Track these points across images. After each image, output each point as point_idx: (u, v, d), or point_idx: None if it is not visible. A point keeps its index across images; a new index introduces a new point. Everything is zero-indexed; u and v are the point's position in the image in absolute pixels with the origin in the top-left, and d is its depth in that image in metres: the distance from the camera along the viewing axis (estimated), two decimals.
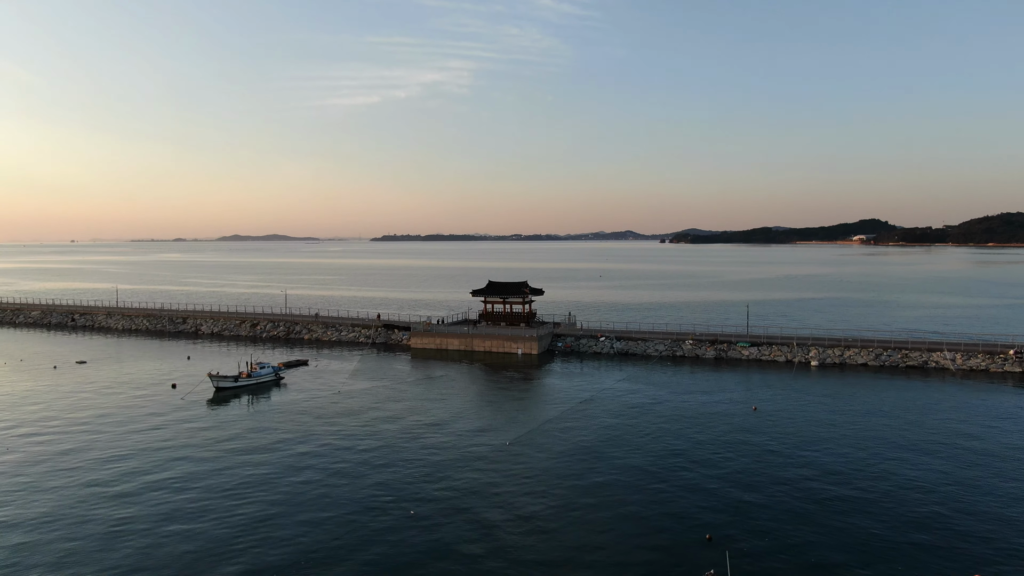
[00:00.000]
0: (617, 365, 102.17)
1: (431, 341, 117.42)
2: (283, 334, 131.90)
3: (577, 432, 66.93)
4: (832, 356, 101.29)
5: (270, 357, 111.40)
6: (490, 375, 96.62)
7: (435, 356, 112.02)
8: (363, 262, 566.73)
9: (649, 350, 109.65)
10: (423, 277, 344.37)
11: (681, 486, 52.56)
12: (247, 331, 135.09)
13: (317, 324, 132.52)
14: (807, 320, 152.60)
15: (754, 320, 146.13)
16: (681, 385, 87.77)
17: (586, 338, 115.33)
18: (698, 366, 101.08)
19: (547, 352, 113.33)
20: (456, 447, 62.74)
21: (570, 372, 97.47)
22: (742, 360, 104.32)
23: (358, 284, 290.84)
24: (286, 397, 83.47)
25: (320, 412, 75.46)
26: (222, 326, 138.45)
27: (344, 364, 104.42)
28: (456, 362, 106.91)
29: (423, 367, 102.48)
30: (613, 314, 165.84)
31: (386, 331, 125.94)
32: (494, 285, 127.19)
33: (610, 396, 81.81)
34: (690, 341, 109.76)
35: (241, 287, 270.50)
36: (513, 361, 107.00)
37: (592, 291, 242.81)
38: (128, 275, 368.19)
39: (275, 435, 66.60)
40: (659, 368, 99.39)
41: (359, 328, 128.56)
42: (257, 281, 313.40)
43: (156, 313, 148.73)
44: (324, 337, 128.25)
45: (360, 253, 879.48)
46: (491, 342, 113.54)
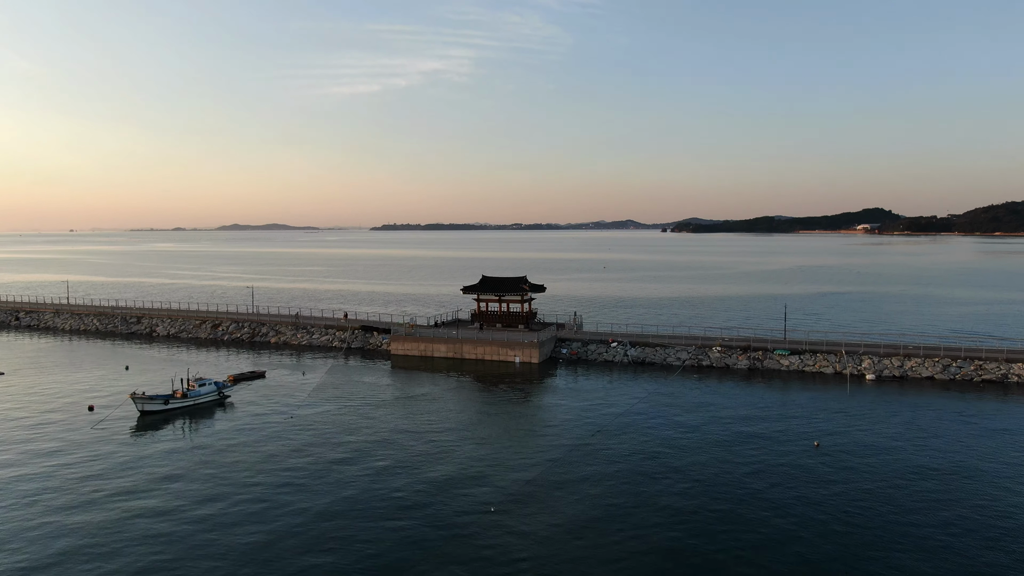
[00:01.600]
0: (632, 377, 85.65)
1: (414, 347, 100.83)
2: (247, 336, 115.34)
3: (587, 486, 50.40)
4: (890, 367, 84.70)
5: (231, 363, 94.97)
6: (481, 392, 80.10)
7: (418, 364, 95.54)
8: (358, 252, 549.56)
9: (670, 358, 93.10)
10: (417, 268, 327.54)
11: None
12: (207, 333, 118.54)
13: (286, 325, 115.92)
14: (838, 319, 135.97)
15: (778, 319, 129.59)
16: (715, 407, 71.18)
17: (595, 343, 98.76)
18: (729, 378, 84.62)
19: (549, 360, 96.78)
20: (428, 508, 46.26)
21: (577, 388, 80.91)
22: (780, 371, 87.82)
23: (346, 276, 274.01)
24: (226, 424, 66.98)
25: (262, 448, 58.97)
26: (180, 327, 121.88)
27: (309, 376, 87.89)
28: (443, 373, 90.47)
29: (402, 380, 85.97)
30: (622, 312, 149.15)
31: (363, 334, 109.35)
32: (488, 281, 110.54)
33: (627, 424, 65.27)
34: (718, 348, 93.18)
35: (221, 279, 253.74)
36: (509, 371, 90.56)
37: (597, 284, 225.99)
38: (107, 266, 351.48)
39: (191, 487, 50.09)
40: (683, 382, 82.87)
41: (333, 330, 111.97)
42: (241, 272, 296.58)
43: (108, 312, 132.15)
44: (293, 340, 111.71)
45: (357, 243, 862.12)
46: (484, 348, 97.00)
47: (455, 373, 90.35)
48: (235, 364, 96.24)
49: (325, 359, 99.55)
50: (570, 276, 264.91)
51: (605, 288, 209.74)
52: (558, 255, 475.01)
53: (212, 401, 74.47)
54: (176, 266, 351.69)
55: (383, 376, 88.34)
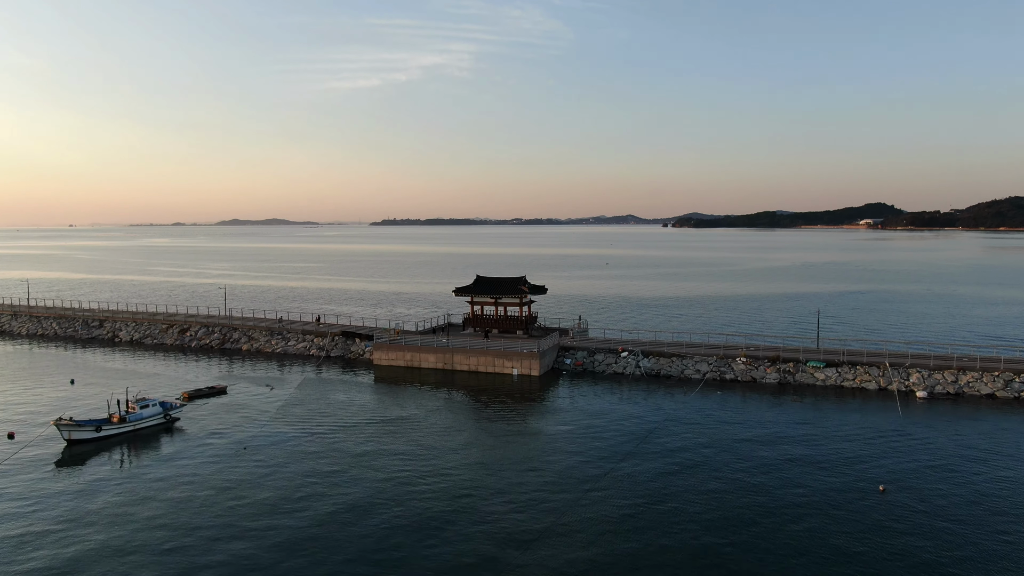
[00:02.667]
0: (646, 393, 74.72)
1: (399, 356, 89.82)
2: (217, 343, 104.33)
3: (598, 532, 39.43)
4: (943, 383, 73.75)
5: (195, 374, 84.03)
6: (474, 412, 69.13)
7: (404, 377, 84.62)
8: (355, 247, 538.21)
9: (688, 371, 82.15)
10: (413, 265, 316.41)
11: None
12: (173, 338, 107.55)
13: (259, 331, 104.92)
14: (864, 323, 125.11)
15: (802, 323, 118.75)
16: (748, 433, 60.23)
17: (603, 353, 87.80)
18: (756, 394, 73.74)
19: (551, 372, 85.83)
20: (403, 566, 35.38)
21: (583, 408, 69.90)
22: (815, 386, 76.89)
23: (338, 273, 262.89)
24: (166, 456, 56.02)
25: (202, 489, 48.02)
26: (144, 331, 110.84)
27: (277, 392, 76.89)
28: (430, 387, 79.57)
29: (383, 397, 75.00)
30: (631, 315, 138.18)
31: (344, 340, 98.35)
32: (483, 281, 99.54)
33: (645, 453, 54.33)
34: (743, 359, 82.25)
35: (205, 277, 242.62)
36: (506, 385, 79.65)
37: (601, 283, 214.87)
38: (92, 262, 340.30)
39: (110, 539, 39.11)
40: (705, 399, 71.96)
41: (311, 336, 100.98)
42: (230, 269, 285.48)
43: (69, 314, 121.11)
44: (267, 348, 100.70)
45: (356, 238, 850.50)
46: (478, 359, 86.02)
47: (444, 388, 79.45)
48: (198, 375, 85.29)
49: (299, 369, 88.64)
50: (572, 273, 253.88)
51: (609, 287, 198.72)
52: (559, 251, 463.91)
53: (157, 426, 63.50)
54: (163, 262, 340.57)
55: (361, 392, 77.36)
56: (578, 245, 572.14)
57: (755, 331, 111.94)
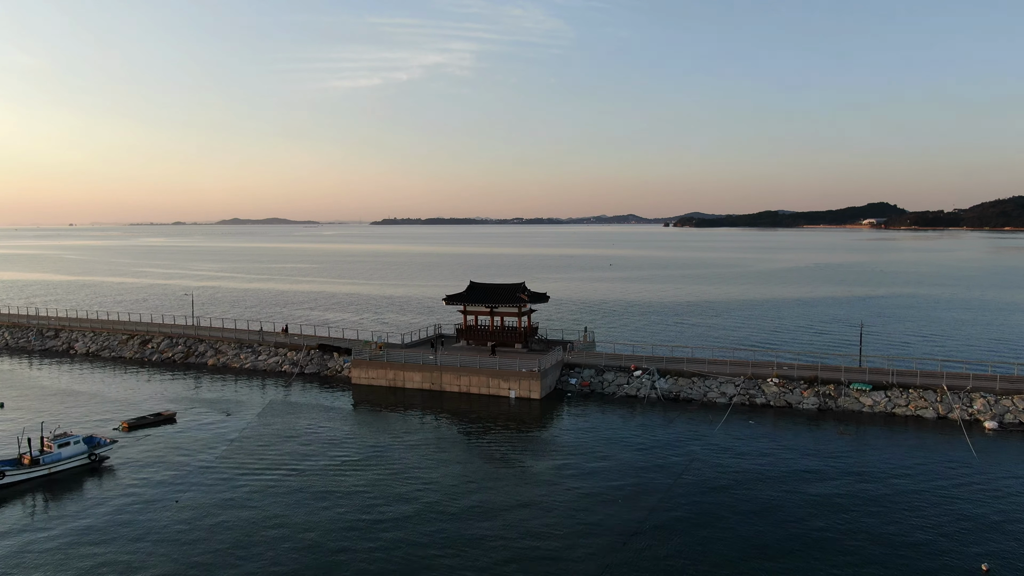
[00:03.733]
0: (664, 420, 63.93)
1: (381, 374, 78.95)
2: (180, 356, 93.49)
3: None
4: (1013, 410, 62.90)
5: (148, 392, 73.20)
6: (462, 445, 58.27)
7: (385, 398, 73.85)
8: (352, 247, 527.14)
9: (712, 393, 71.32)
10: (410, 266, 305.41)
11: None
12: (133, 351, 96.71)
13: (227, 343, 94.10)
14: (892, 332, 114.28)
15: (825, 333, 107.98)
16: (793, 478, 49.35)
17: (613, 371, 76.93)
18: (793, 421, 62.98)
19: (554, 394, 74.96)
20: None
21: (592, 439, 59.00)
22: (861, 413, 66.06)
23: (329, 275, 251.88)
24: (79, 510, 45.22)
25: (123, 554, 37.26)
26: (102, 343, 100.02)
27: (235, 419, 66.09)
28: (416, 411, 68.84)
29: (358, 427, 64.17)
30: (639, 322, 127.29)
31: (321, 355, 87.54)
32: (478, 288, 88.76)
33: (672, 506, 43.51)
34: (775, 380, 71.41)
35: (187, 279, 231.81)
36: (502, 410, 68.88)
37: (605, 285, 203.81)
38: (78, 263, 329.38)
39: None
40: (734, 427, 61.15)
41: (284, 350, 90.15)
42: (218, 271, 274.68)
43: (23, 323, 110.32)
44: (234, 363, 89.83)
45: (354, 238, 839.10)
46: (469, 379, 75.13)
47: (431, 412, 68.70)
48: (150, 397, 74.46)
49: (267, 389, 77.84)
50: (574, 276, 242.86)
51: (614, 290, 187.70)
52: (560, 251, 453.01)
53: (79, 467, 52.73)
54: (151, 263, 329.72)
55: (333, 418, 66.52)
56: (579, 245, 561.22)
57: (781, 342, 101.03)
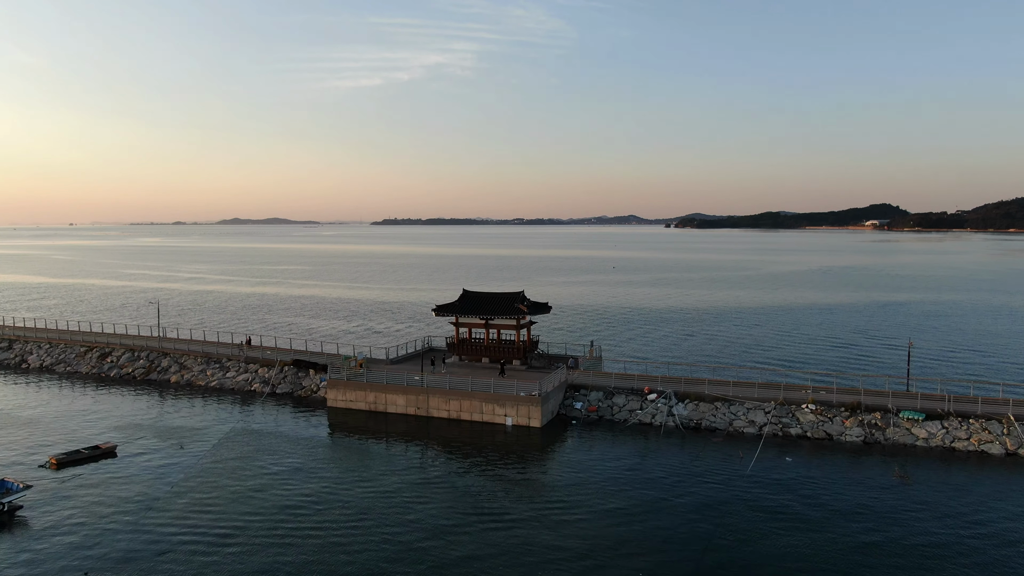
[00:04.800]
0: (687, 455, 54.65)
1: (360, 396, 69.60)
2: (142, 372, 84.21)
3: None
4: None
5: (97, 417, 63.93)
6: (450, 486, 48.87)
7: (365, 425, 64.57)
8: (349, 248, 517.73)
9: (738, 421, 62.03)
10: (406, 267, 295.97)
11: None
12: (91, 365, 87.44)
13: (193, 357, 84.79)
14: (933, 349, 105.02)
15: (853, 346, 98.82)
16: (843, 528, 40.01)
17: (623, 393, 67.62)
18: (836, 458, 53.76)
19: (557, 420, 65.64)
20: None
21: (600, 480, 49.61)
22: (915, 446, 56.79)
23: (320, 277, 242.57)
24: None
25: None
26: (58, 356, 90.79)
27: (184, 453, 56.78)
28: (398, 440, 59.64)
29: (329, 463, 54.83)
30: (649, 332, 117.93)
31: (295, 372, 78.26)
32: (471, 298, 79.49)
33: (700, 566, 34.26)
34: (810, 406, 62.14)
35: (169, 281, 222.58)
36: (497, 441, 59.65)
37: (608, 289, 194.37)
38: (64, 264, 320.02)
39: None
40: (769, 467, 51.86)
41: (255, 367, 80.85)
42: (204, 272, 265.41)
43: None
44: (200, 380, 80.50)
45: (353, 238, 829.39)
46: (460, 403, 65.81)
47: (416, 442, 59.49)
48: (96, 423, 65.17)
49: (231, 413, 68.55)
50: (575, 279, 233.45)
51: (619, 296, 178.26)
52: (561, 252, 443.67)
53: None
54: (140, 264, 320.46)
55: (300, 451, 57.18)
56: (581, 246, 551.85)
57: (809, 359, 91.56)
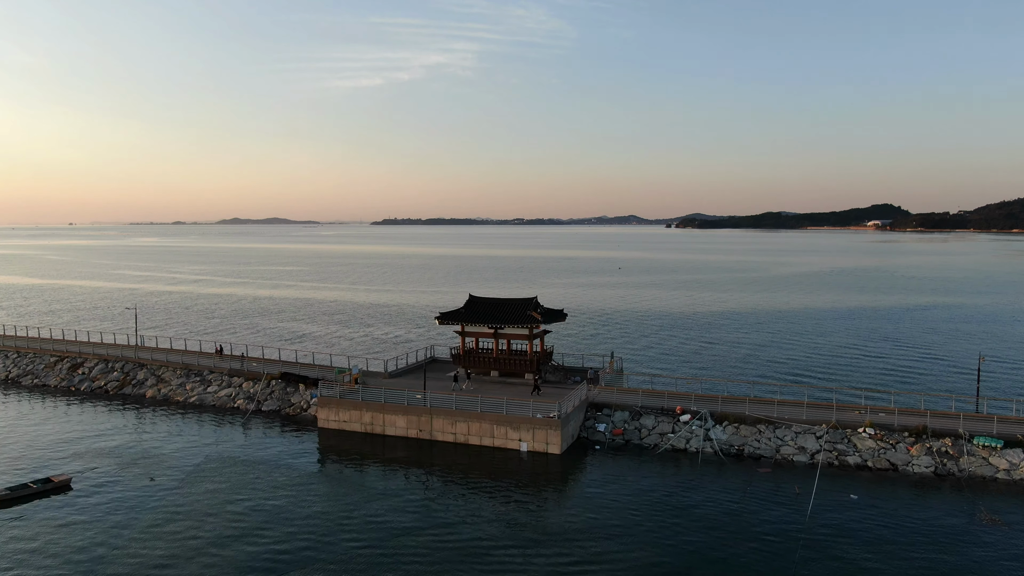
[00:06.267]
0: (732, 489, 46.95)
1: (355, 416, 61.86)
2: (115, 386, 76.44)
3: None
4: None
5: (59, 439, 56.29)
6: (454, 524, 41.06)
7: (360, 449, 56.85)
8: (349, 248, 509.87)
9: (786, 448, 54.33)
10: (407, 269, 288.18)
11: None
12: (60, 377, 79.67)
13: (172, 370, 77.05)
14: (996, 364, 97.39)
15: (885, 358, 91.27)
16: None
17: (652, 414, 59.90)
18: (904, 492, 46.13)
19: (577, 445, 57.95)
20: None
21: (633, 519, 41.88)
22: (996, 480, 49.12)
23: (318, 279, 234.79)
24: None
25: None
26: (26, 366, 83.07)
27: (152, 489, 49.08)
28: (399, 469, 51.92)
29: (318, 497, 47.02)
30: (666, 341, 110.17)
31: (284, 386, 70.52)
32: (479, 305, 71.76)
33: None
34: (868, 429, 54.48)
35: (159, 283, 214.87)
36: (510, 470, 52.00)
37: (618, 292, 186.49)
38: (54, 264, 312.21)
39: None
40: (832, 505, 44.19)
41: (239, 379, 73.12)
42: (197, 274, 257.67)
43: None
44: (178, 395, 72.70)
45: (353, 238, 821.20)
46: (467, 425, 58.12)
47: (419, 471, 51.81)
48: (58, 447, 57.43)
49: (213, 433, 60.85)
50: (581, 281, 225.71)
51: (629, 298, 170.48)
52: (563, 253, 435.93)
53: None
54: (132, 265, 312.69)
55: (290, 487, 49.39)
56: (583, 247, 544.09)
57: (853, 372, 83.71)
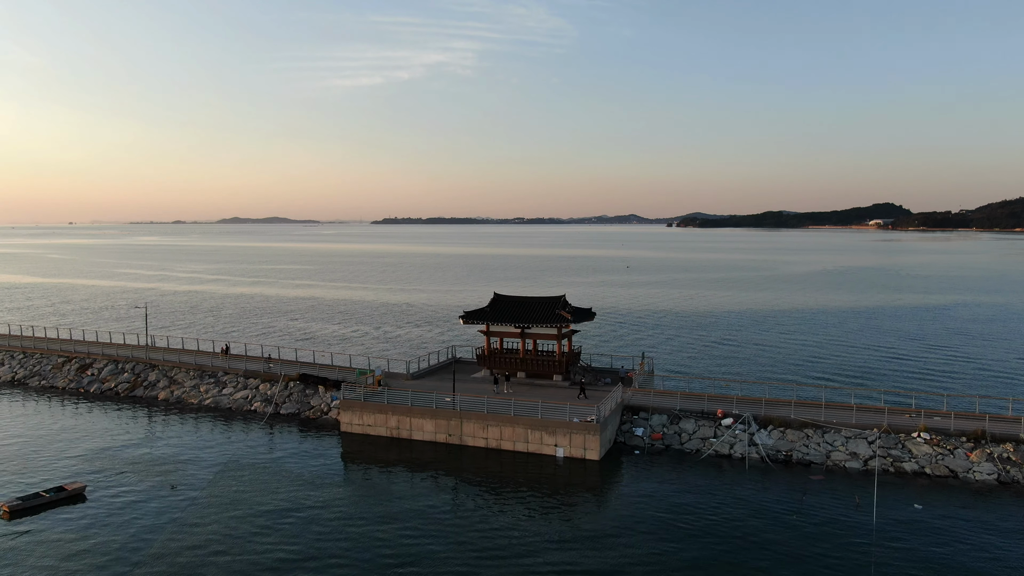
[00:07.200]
0: (785, 503, 44.31)
1: (380, 420, 59.17)
2: (126, 388, 73.75)
3: None
4: None
5: (69, 445, 53.60)
6: (487, 537, 38.38)
7: (386, 454, 54.17)
8: (352, 247, 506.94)
9: (836, 454, 51.65)
10: (413, 267, 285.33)
11: None
12: (68, 379, 76.94)
13: (186, 371, 74.35)
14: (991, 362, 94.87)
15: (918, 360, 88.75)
16: None
17: (691, 417, 57.24)
18: (971, 502, 43.47)
19: (614, 450, 55.30)
20: None
21: (684, 531, 39.27)
22: None
23: (325, 279, 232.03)
24: None
25: None
26: (32, 367, 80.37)
27: (173, 497, 46.41)
28: (428, 477, 49.16)
29: (344, 506, 44.29)
30: (694, 341, 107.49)
31: (303, 388, 67.84)
32: (504, 303, 69.08)
33: None
34: (923, 434, 51.85)
35: (162, 281, 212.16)
36: (545, 477, 49.33)
37: (630, 292, 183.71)
38: (56, 263, 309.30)
39: None
40: (896, 517, 41.57)
41: (256, 380, 70.45)
42: (206, 272, 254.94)
43: None
44: (192, 397, 70.01)
45: (354, 237, 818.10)
46: (500, 430, 55.45)
47: (449, 478, 49.11)
48: (67, 453, 54.74)
49: (232, 437, 58.17)
50: (591, 279, 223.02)
51: (646, 296, 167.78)
52: (567, 251, 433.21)
53: None
54: (134, 264, 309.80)
55: (316, 491, 46.71)
56: (586, 246, 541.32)
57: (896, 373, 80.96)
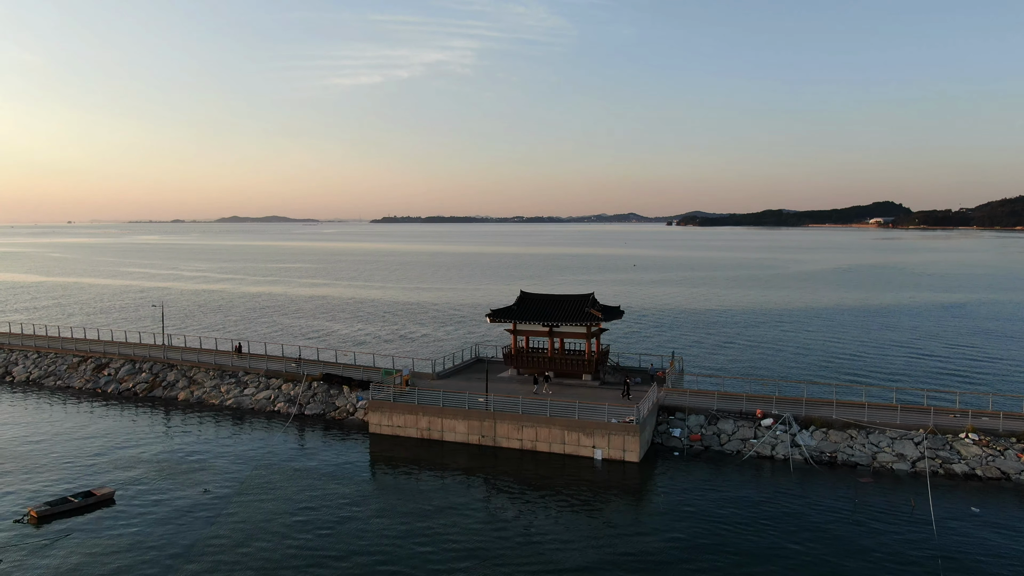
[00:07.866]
0: (838, 506, 43.01)
1: (410, 421, 57.81)
2: (144, 388, 72.35)
3: None
4: None
5: (93, 446, 52.19)
6: (524, 544, 37.05)
7: (416, 455, 52.81)
8: (354, 246, 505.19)
9: (883, 455, 50.35)
10: (419, 266, 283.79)
11: None
12: (84, 379, 75.53)
13: (205, 371, 72.95)
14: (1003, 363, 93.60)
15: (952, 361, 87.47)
16: None
17: (731, 418, 55.93)
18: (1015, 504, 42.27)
19: (651, 452, 53.98)
20: None
21: (733, 539, 37.95)
22: None
23: (332, 277, 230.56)
24: None
25: None
26: (48, 367, 78.95)
27: (205, 501, 45.06)
28: (460, 479, 47.79)
29: (376, 507, 42.96)
30: (716, 339, 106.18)
31: (327, 388, 66.47)
32: (531, 301, 67.74)
33: None
34: (971, 435, 50.57)
35: (170, 280, 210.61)
36: (584, 480, 48.00)
37: (644, 291, 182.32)
38: (59, 262, 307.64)
39: None
40: (954, 520, 40.29)
41: (278, 380, 69.07)
42: (213, 271, 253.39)
43: None
44: (213, 398, 68.64)
45: (355, 236, 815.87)
46: (535, 431, 54.09)
47: (483, 481, 47.75)
48: (93, 453, 53.36)
49: (257, 439, 56.80)
50: (600, 278, 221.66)
51: (658, 295, 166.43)
52: (570, 250, 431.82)
53: None
54: (138, 263, 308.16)
55: (347, 493, 45.32)
56: (588, 244, 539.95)
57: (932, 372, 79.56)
